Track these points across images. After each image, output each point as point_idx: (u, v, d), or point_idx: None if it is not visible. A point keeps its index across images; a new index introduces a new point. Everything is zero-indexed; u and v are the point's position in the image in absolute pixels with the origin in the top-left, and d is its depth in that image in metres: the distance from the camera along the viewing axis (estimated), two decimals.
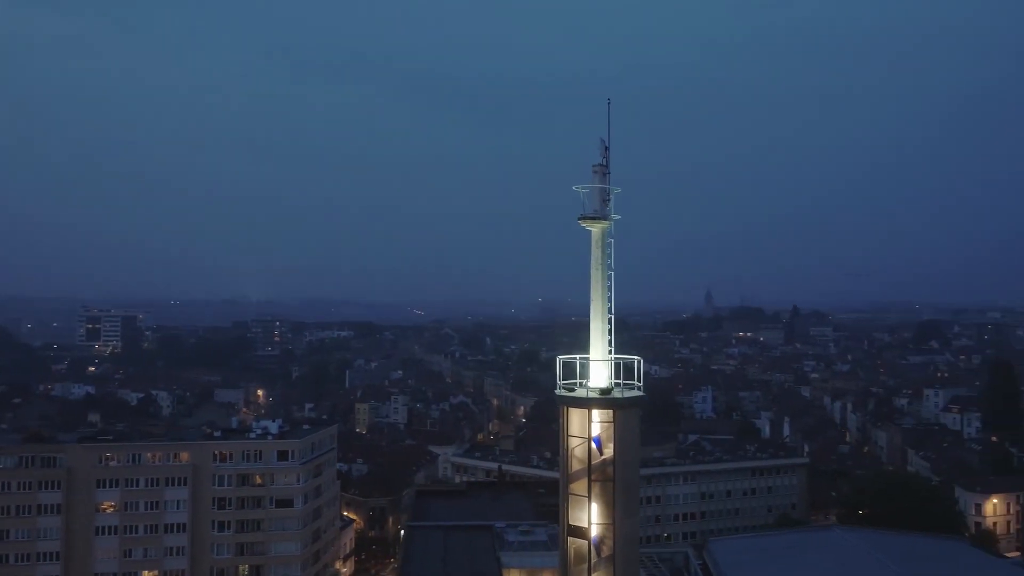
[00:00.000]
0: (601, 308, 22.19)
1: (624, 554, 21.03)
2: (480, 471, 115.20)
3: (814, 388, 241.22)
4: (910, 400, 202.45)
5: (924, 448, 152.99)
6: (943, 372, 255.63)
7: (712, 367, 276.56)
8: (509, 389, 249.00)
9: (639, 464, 21.83)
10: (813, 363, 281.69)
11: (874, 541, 55.58)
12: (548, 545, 59.24)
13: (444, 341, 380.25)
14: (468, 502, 73.24)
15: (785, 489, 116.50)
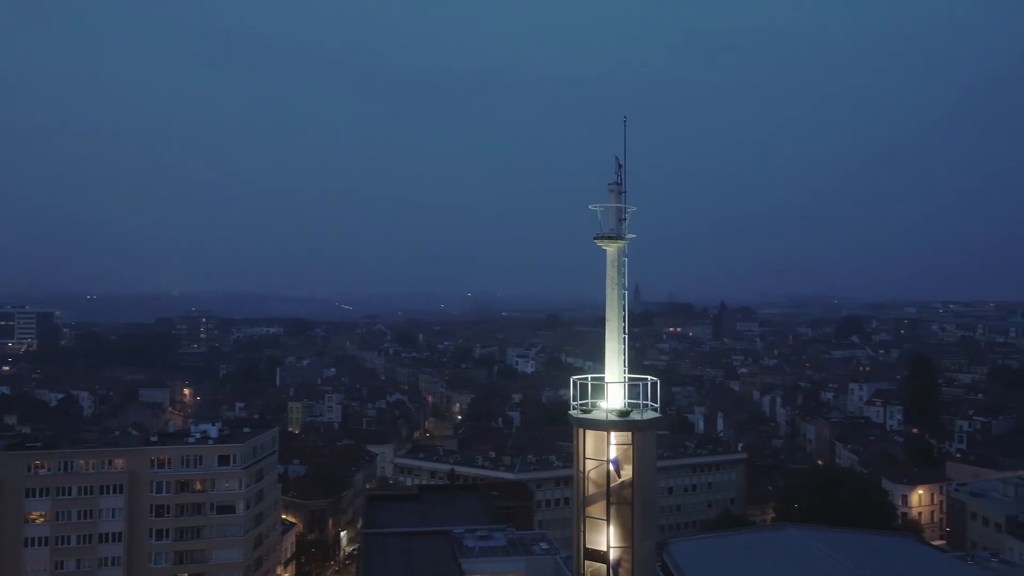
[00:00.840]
0: (617, 328, 22.03)
1: (645, 573, 20.91)
2: (424, 472, 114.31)
3: (743, 383, 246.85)
4: (836, 394, 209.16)
5: (851, 441, 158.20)
6: (864, 366, 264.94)
7: (645, 363, 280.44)
8: (445, 386, 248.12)
9: (657, 486, 21.67)
10: (741, 358, 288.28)
11: (827, 540, 56.95)
12: (508, 550, 59.07)
13: (377, 338, 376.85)
14: (421, 507, 72.37)
15: (724, 484, 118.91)
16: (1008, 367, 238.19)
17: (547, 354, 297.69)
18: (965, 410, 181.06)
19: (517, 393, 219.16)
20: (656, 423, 21.28)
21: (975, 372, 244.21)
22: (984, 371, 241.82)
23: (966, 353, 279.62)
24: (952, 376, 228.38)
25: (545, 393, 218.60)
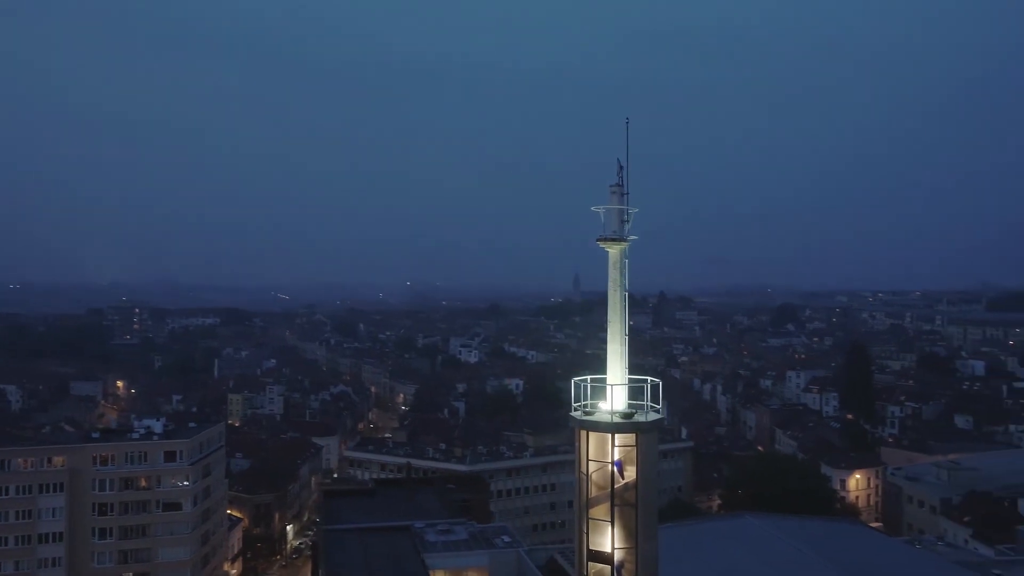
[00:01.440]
0: (620, 330, 21.98)
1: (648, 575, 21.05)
2: (375, 465, 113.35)
3: (684, 371, 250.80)
4: (774, 381, 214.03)
5: (790, 427, 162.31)
6: (800, 354, 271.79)
7: (588, 351, 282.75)
8: (388, 377, 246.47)
9: (658, 487, 21.81)
10: (681, 346, 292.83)
11: (782, 527, 58.28)
12: (470, 544, 58.95)
13: (317, 328, 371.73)
14: (378, 501, 71.60)
15: (672, 472, 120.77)
16: (935, 354, 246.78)
17: (490, 344, 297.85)
18: (897, 396, 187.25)
19: (461, 383, 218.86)
20: (659, 424, 21.36)
21: (904, 359, 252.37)
22: (913, 358, 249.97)
23: (895, 341, 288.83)
24: (883, 363, 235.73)
25: (490, 383, 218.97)
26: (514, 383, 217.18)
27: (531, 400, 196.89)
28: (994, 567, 54.19)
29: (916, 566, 51.92)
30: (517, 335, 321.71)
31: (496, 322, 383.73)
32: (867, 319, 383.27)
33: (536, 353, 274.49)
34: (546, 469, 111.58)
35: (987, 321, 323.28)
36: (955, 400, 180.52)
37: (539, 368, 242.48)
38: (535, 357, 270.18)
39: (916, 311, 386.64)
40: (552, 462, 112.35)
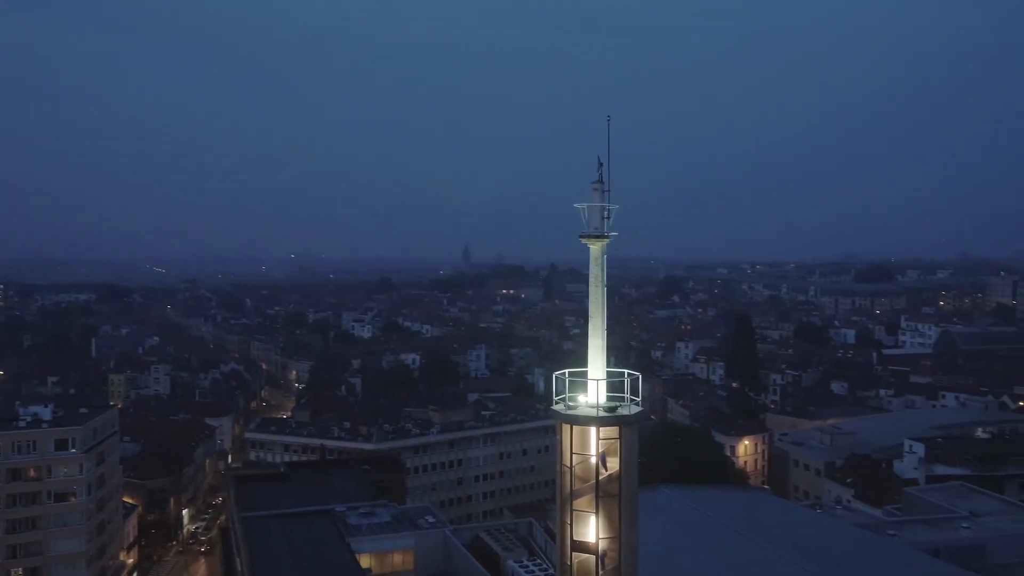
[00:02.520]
0: (600, 325, 22.43)
1: (628, 564, 21.74)
2: (278, 446, 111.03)
3: (576, 343, 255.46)
4: (664, 352, 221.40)
5: (681, 397, 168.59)
6: (686, 325, 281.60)
7: (481, 325, 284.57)
8: (280, 354, 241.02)
9: (638, 477, 22.51)
10: (573, 319, 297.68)
11: (697, 498, 60.86)
12: (394, 525, 59.02)
13: (201, 304, 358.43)
14: (292, 485, 70.60)
15: None
16: (811, 324, 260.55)
17: (383, 318, 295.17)
18: (778, 365, 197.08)
19: (356, 359, 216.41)
20: (640, 417, 21.97)
21: (783, 329, 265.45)
22: (790, 328, 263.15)
23: (773, 311, 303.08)
24: (763, 333, 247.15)
25: (386, 358, 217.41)
26: (410, 358, 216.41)
27: (428, 375, 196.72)
28: (887, 528, 58.29)
29: (823, 530, 55.29)
30: (410, 309, 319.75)
31: (388, 296, 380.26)
32: (746, 290, 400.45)
33: (431, 327, 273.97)
34: (453, 445, 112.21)
35: (855, 291, 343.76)
36: (831, 367, 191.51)
37: (434, 342, 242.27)
38: (430, 331, 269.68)
39: (791, 282, 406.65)
40: (458, 438, 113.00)
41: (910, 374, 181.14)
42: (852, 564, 47.01)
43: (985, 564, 53.81)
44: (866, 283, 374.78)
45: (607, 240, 22.80)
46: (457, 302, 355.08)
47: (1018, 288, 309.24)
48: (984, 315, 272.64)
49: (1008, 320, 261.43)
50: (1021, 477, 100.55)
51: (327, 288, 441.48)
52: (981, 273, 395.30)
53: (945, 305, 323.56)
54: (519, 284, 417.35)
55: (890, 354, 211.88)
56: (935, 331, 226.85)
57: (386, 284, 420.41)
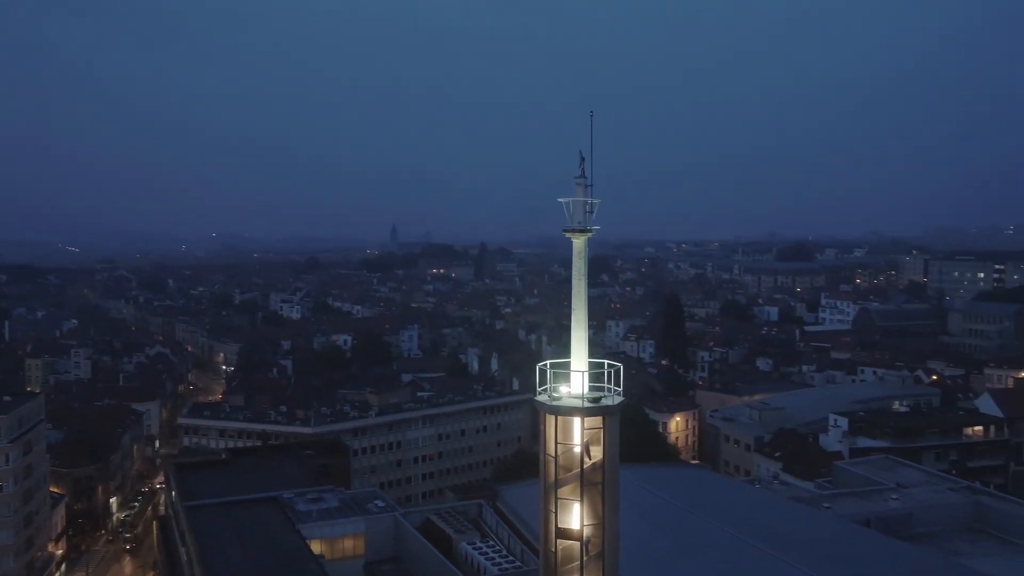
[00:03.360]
0: (583, 317, 22.88)
1: (611, 549, 22.39)
2: (213, 432, 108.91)
3: (508, 322, 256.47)
4: (595, 331, 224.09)
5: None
6: (616, 303, 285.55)
7: (413, 305, 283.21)
8: (206, 336, 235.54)
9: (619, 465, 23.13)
10: (505, 298, 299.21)
11: (640, 474, 62.38)
12: (343, 511, 58.83)
13: (121, 285, 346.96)
14: (236, 472, 69.56)
15: (512, 424, 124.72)
16: (736, 302, 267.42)
17: (312, 299, 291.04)
18: (706, 342, 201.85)
19: (286, 340, 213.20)
20: (622, 407, 22.57)
21: (709, 307, 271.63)
22: (716, 306, 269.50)
23: (700, 289, 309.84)
24: (691, 311, 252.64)
25: (317, 340, 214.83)
26: (342, 339, 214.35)
27: (361, 356, 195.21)
28: (822, 502, 60.81)
29: (764, 505, 57.36)
30: (340, 289, 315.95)
31: (317, 276, 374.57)
32: (673, 269, 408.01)
33: (361, 308, 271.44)
34: (392, 427, 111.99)
35: (777, 270, 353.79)
36: (756, 344, 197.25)
37: (366, 323, 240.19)
38: (360, 312, 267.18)
39: (716, 261, 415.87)
40: (397, 420, 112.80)
41: (831, 350, 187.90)
42: (794, 538, 48.97)
43: (912, 532, 56.68)
44: (787, 262, 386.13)
45: (590, 234, 23.20)
46: (387, 282, 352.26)
47: (929, 266, 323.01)
48: (898, 292, 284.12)
49: (920, 297, 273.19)
50: (937, 448, 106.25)
51: (253, 268, 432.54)
52: (894, 252, 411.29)
53: (862, 283, 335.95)
54: (449, 263, 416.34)
55: (811, 331, 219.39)
56: (853, 308, 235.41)
57: (314, 264, 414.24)
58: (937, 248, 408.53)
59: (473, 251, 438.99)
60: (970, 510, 60.31)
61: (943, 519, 59.22)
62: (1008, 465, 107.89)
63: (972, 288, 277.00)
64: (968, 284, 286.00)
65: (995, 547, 55.79)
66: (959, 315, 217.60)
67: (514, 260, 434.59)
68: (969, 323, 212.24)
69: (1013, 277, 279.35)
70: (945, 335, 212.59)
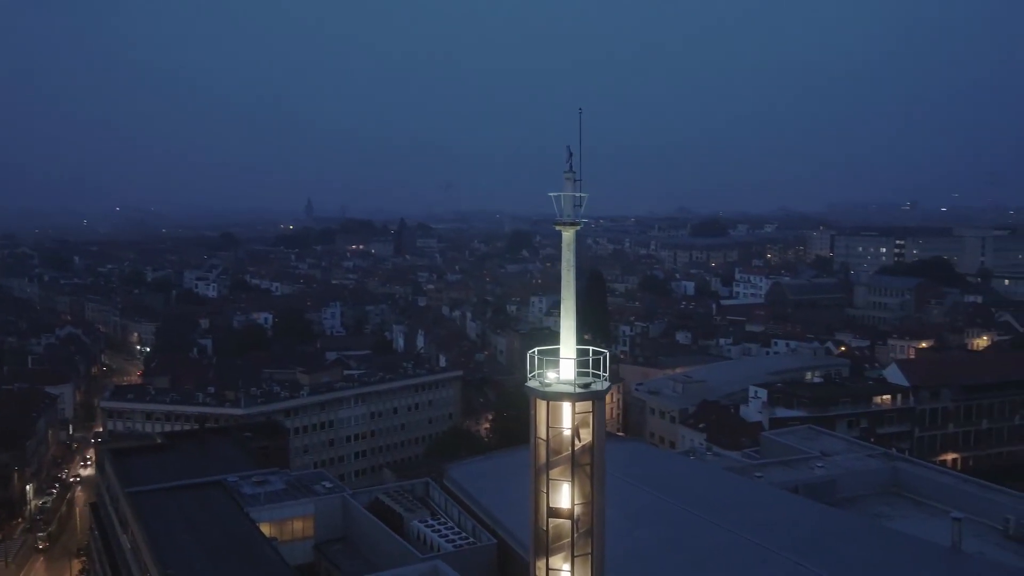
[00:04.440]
0: (571, 306, 23.92)
1: (599, 526, 23.70)
2: (138, 415, 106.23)
3: (431, 298, 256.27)
4: (519, 306, 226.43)
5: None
6: (537, 279, 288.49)
7: (333, 282, 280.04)
8: (119, 315, 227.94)
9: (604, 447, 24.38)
10: (426, 274, 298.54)
11: None
12: (291, 493, 58.93)
13: (22, 262, 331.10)
14: (173, 457, 68.60)
15: (443, 401, 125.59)
16: (655, 277, 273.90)
17: (229, 276, 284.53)
18: (627, 316, 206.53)
19: (204, 319, 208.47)
20: (608, 391, 23.83)
21: (628, 282, 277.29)
22: (635, 280, 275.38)
23: (618, 265, 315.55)
24: (611, 286, 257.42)
25: (236, 318, 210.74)
26: (262, 317, 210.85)
27: (282, 334, 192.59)
28: (753, 471, 63.95)
29: (702, 476, 60.04)
30: (257, 266, 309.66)
31: (232, 253, 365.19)
32: (592, 244, 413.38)
33: (281, 285, 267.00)
34: (324, 407, 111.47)
35: (692, 245, 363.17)
36: (675, 318, 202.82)
37: (286, 301, 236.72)
38: (279, 289, 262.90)
39: (633, 236, 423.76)
40: (329, 400, 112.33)
41: (745, 323, 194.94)
42: (732, 506, 51.58)
43: (836, 498, 60.21)
44: (701, 237, 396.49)
45: (579, 227, 24.21)
46: (306, 258, 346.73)
47: (835, 241, 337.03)
48: (807, 267, 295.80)
49: (827, 271, 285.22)
50: (849, 416, 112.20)
51: (164, 244, 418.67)
52: (802, 227, 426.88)
53: (772, 258, 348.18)
54: (368, 239, 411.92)
55: (727, 304, 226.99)
56: (766, 282, 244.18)
57: (228, 240, 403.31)
58: (841, 224, 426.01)
59: (392, 227, 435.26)
60: (888, 475, 64.28)
61: (863, 484, 63.00)
62: (913, 431, 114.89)
63: (875, 262, 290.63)
64: (871, 259, 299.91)
65: (911, 509, 59.79)
66: (864, 288, 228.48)
67: (434, 236, 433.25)
68: (873, 296, 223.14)
69: (913, 252, 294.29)
70: (851, 308, 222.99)
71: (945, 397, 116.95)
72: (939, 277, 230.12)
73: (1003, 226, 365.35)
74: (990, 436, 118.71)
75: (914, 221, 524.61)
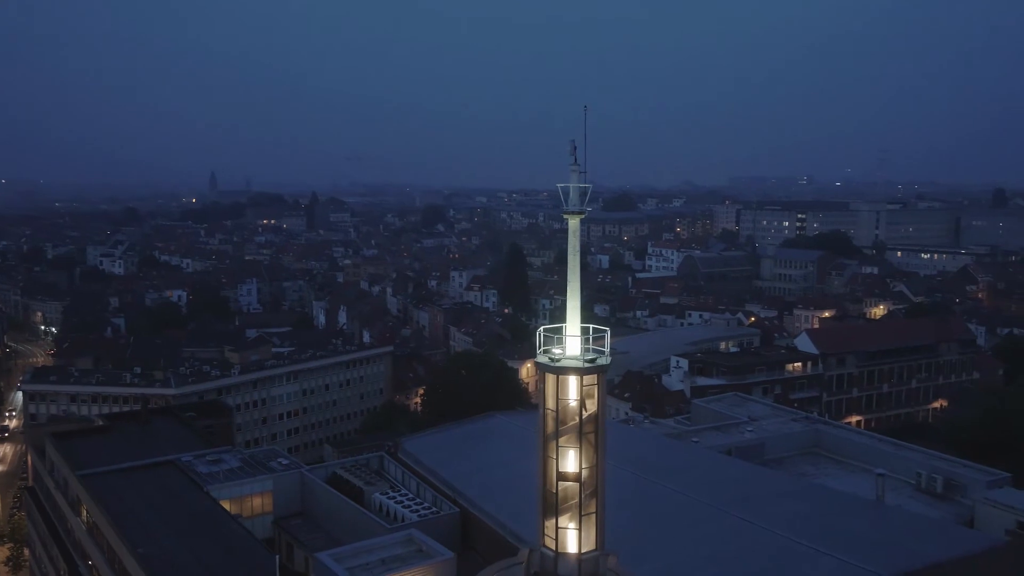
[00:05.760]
0: (577, 288, 26.04)
1: (602, 487, 26.17)
2: (63, 397, 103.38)
3: (347, 274, 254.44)
4: (439, 281, 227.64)
5: (463, 325, 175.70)
6: (454, 253, 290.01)
7: (247, 258, 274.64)
8: (20, 294, 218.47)
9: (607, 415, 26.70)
10: (341, 249, 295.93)
11: (524, 420, 66.92)
12: (247, 470, 59.50)
13: None
14: (118, 439, 67.91)
15: (374, 377, 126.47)
16: None
17: (136, 252, 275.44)
18: (546, 290, 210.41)
19: (113, 297, 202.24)
20: (610, 366, 26.14)
21: (544, 256, 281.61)
22: (551, 254, 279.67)
23: (534, 239, 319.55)
24: (528, 260, 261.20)
25: (148, 296, 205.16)
26: (176, 294, 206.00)
27: (198, 312, 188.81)
28: (690, 437, 67.97)
29: (645, 442, 63.50)
30: (165, 242, 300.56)
31: (138, 228, 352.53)
32: (506, 218, 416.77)
33: (192, 261, 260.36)
34: (256, 385, 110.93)
35: (605, 219, 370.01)
36: (593, 292, 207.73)
37: (199, 277, 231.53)
38: (191, 265, 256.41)
39: (546, 210, 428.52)
40: (263, 377, 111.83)
41: (660, 296, 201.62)
42: (676, 469, 55.12)
43: (765, 459, 64.76)
44: (613, 211, 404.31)
45: (584, 215, 26.32)
46: (216, 233, 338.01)
47: (741, 215, 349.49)
48: (716, 240, 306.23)
49: (734, 244, 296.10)
50: (764, 383, 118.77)
51: (61, 220, 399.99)
52: (707, 202, 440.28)
53: (682, 232, 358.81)
54: (279, 214, 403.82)
55: (641, 277, 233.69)
56: (677, 256, 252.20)
57: (131, 214, 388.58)
58: (743, 197, 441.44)
59: (303, 201, 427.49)
60: (810, 437, 69.34)
61: (789, 446, 67.85)
62: (821, 396, 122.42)
63: (778, 236, 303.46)
64: (775, 232, 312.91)
65: (832, 467, 64.85)
66: (770, 261, 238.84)
67: (346, 210, 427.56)
68: (779, 268, 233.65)
69: (813, 225, 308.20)
70: (758, 280, 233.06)
71: (850, 363, 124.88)
72: (838, 249, 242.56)
73: (894, 200, 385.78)
74: (890, 399, 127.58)
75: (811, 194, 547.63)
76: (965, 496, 57.32)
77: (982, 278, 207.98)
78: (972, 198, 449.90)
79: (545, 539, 26.65)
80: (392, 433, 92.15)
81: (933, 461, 62.14)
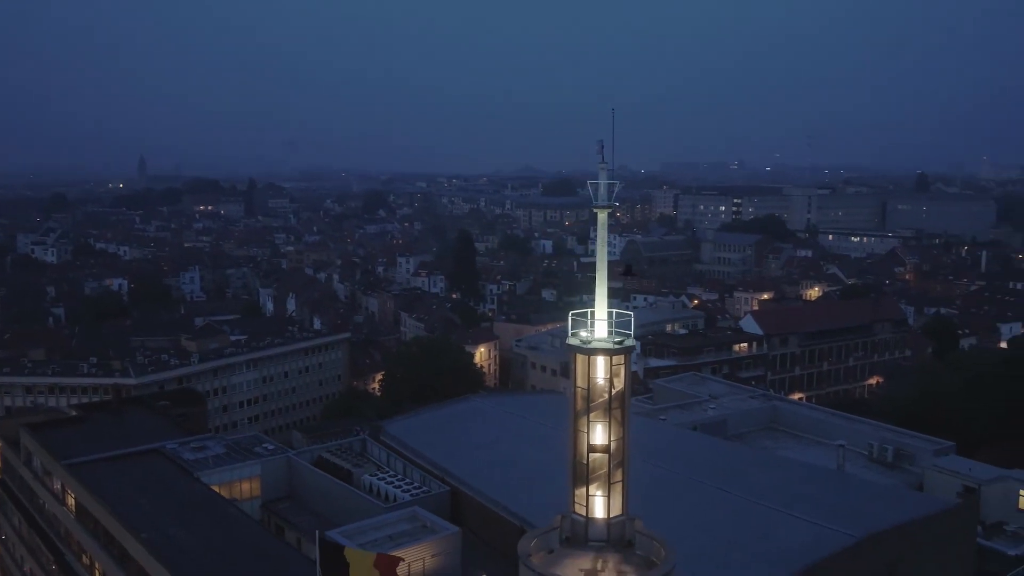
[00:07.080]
0: (604, 276, 28.43)
1: (627, 458, 28.76)
2: (18, 388, 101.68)
3: (291, 261, 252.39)
4: (386, 267, 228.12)
5: (414, 311, 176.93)
6: (397, 239, 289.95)
7: (187, 245, 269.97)
8: None
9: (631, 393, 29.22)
10: (283, 235, 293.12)
11: (507, 404, 69.62)
12: (233, 456, 60.55)
13: None
14: (94, 429, 67.91)
15: (332, 363, 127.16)
16: (516, 236, 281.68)
17: (69, 240, 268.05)
18: (494, 276, 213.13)
19: (49, 287, 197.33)
20: (635, 347, 28.66)
21: (488, 241, 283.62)
22: (495, 240, 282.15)
23: (477, 224, 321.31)
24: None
25: (87, 285, 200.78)
26: (116, 283, 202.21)
27: (140, 301, 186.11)
28: (658, 415, 71.33)
29: None
30: (99, 229, 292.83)
31: (69, 215, 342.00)
32: (447, 204, 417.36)
33: (129, 249, 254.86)
34: (216, 373, 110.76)
35: (546, 204, 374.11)
36: (541, 276, 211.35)
37: (139, 265, 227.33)
38: (129, 253, 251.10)
39: (487, 196, 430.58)
40: (222, 366, 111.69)
41: None
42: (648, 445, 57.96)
43: (729, 435, 68.53)
44: (553, 196, 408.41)
45: (611, 209, 28.71)
46: (152, 220, 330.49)
47: (679, 200, 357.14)
48: (657, 225, 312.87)
49: (672, 228, 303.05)
50: (712, 363, 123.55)
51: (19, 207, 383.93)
52: (644, 187, 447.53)
53: (622, 216, 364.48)
54: (217, 200, 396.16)
55: (586, 261, 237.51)
56: (620, 240, 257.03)
57: (60, 201, 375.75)
58: (678, 182, 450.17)
59: (240, 186, 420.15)
60: (768, 413, 73.45)
61: (749, 422, 71.83)
62: (766, 375, 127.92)
63: (715, 220, 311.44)
64: (712, 216, 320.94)
65: (790, 442, 68.99)
66: (710, 245, 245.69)
67: (285, 196, 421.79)
68: (718, 252, 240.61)
69: (748, 210, 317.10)
70: (698, 263, 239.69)
71: (792, 344, 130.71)
72: (774, 233, 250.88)
73: (823, 185, 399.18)
74: (829, 376, 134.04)
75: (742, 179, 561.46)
76: (914, 464, 61.97)
77: (909, 260, 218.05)
78: (896, 182, 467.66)
79: (576, 506, 29.08)
80: (357, 418, 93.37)
81: (882, 432, 66.82)
